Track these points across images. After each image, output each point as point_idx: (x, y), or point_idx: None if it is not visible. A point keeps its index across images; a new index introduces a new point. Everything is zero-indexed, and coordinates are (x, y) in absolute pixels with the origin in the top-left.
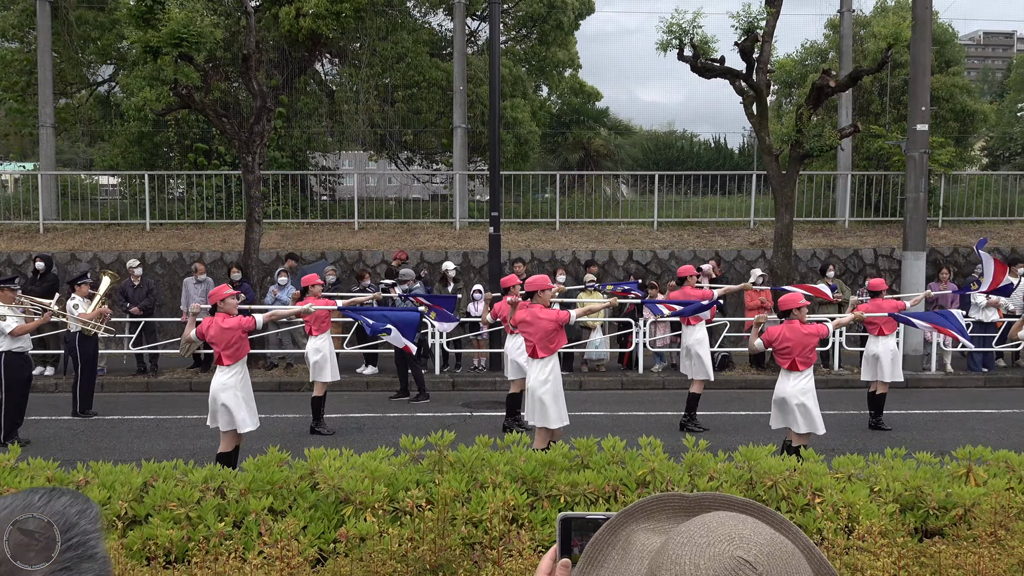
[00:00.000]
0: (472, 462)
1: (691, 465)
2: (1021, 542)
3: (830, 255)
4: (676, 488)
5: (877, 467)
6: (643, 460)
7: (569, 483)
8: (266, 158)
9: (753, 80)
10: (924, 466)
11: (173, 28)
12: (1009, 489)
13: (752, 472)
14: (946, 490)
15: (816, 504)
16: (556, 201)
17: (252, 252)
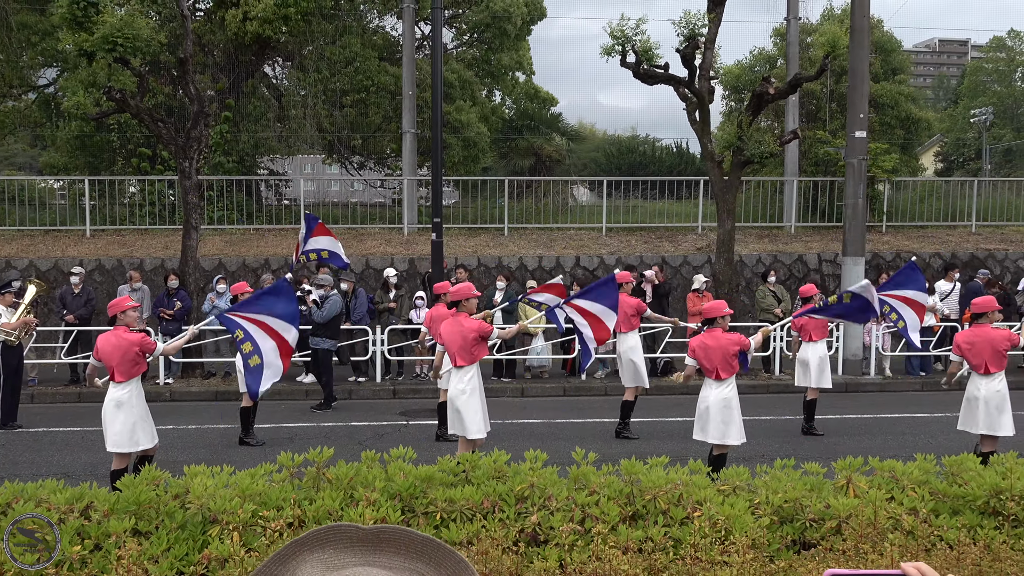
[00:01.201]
0: (349, 479)
1: (576, 478)
2: (880, 555)
3: (775, 260)
4: (551, 502)
5: (764, 479)
6: (522, 475)
7: (447, 499)
8: (209, 163)
9: (695, 87)
10: (806, 477)
11: (107, 32)
12: (891, 499)
13: (633, 486)
14: (825, 502)
15: (695, 517)
16: (505, 206)
17: (190, 259)
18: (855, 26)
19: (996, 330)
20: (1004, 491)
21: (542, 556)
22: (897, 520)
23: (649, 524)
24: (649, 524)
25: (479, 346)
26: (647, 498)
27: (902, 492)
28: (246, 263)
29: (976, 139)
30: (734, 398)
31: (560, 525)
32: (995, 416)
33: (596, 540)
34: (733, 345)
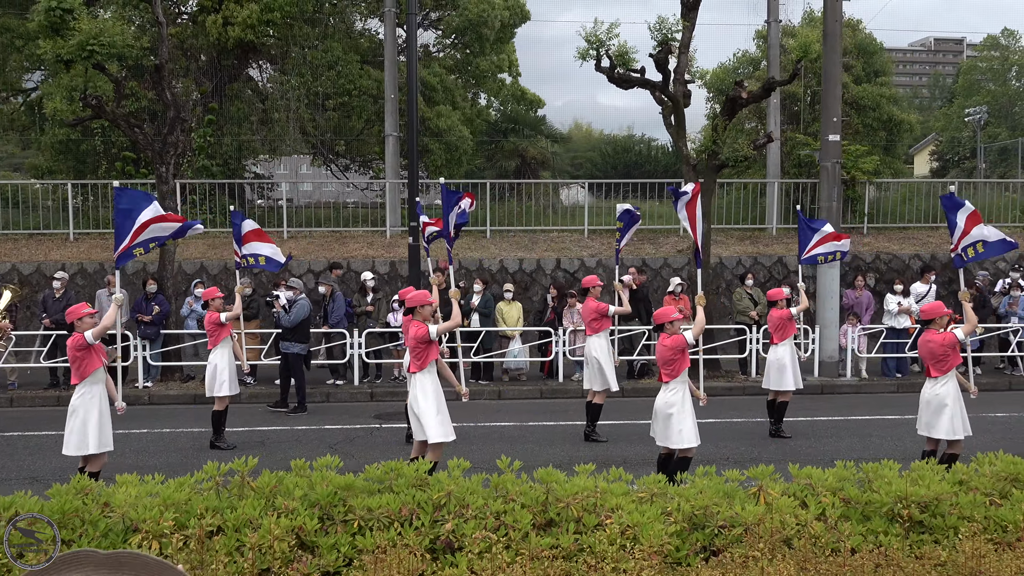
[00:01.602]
0: (271, 487)
1: (496, 486)
2: (769, 563)
3: (755, 262)
4: (467, 510)
5: (683, 486)
6: (441, 483)
7: (364, 507)
8: (193, 167)
9: (670, 91)
10: (720, 484)
11: (83, 38)
12: (803, 506)
13: (548, 493)
14: (736, 509)
15: (606, 524)
16: (487, 209)
17: (167, 264)
18: (827, 31)
19: (938, 335)
20: (908, 497)
21: (453, 563)
22: (803, 526)
23: (562, 531)
24: (562, 531)
25: (427, 350)
26: (561, 506)
27: (815, 498)
28: (227, 266)
29: (971, 138)
30: (677, 402)
31: (472, 533)
32: (933, 419)
33: (507, 547)
34: (673, 350)
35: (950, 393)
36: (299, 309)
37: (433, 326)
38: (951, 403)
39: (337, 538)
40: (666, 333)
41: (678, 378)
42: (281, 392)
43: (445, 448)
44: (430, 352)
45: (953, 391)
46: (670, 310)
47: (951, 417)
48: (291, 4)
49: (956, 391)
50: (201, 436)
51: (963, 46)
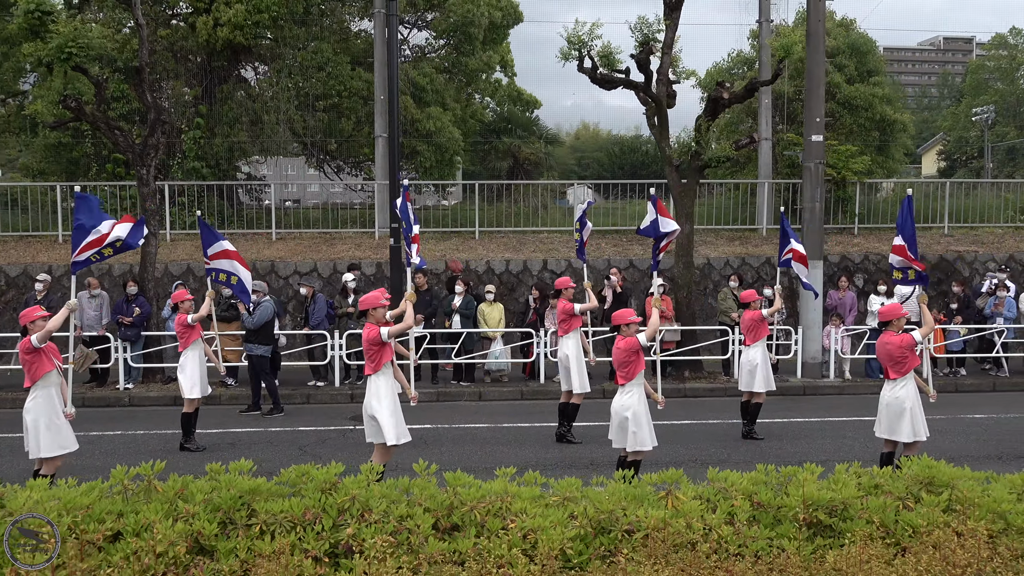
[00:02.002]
0: (176, 491)
1: (406, 490)
2: (646, 570)
3: (743, 263)
4: (369, 514)
5: (596, 489)
6: (346, 488)
7: (268, 511)
8: (180, 169)
9: (652, 91)
10: (628, 488)
11: (60, 41)
12: (715, 509)
13: (455, 496)
14: (639, 513)
15: (510, 528)
16: (476, 210)
17: (148, 265)
18: (810, 30)
19: (896, 336)
20: (816, 501)
21: (349, 568)
22: (710, 530)
23: (465, 535)
24: (465, 535)
25: (380, 352)
26: (465, 509)
27: (728, 502)
28: None
29: (978, 138)
30: (633, 404)
31: (371, 537)
32: (894, 421)
33: (407, 551)
34: (625, 352)
35: (909, 395)
36: (262, 311)
37: (384, 328)
38: (910, 406)
39: (236, 542)
40: (621, 335)
41: (634, 380)
42: (252, 395)
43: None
44: (383, 354)
45: (912, 393)
46: (628, 312)
47: (911, 420)
48: (279, 5)
49: (915, 393)
50: (174, 438)
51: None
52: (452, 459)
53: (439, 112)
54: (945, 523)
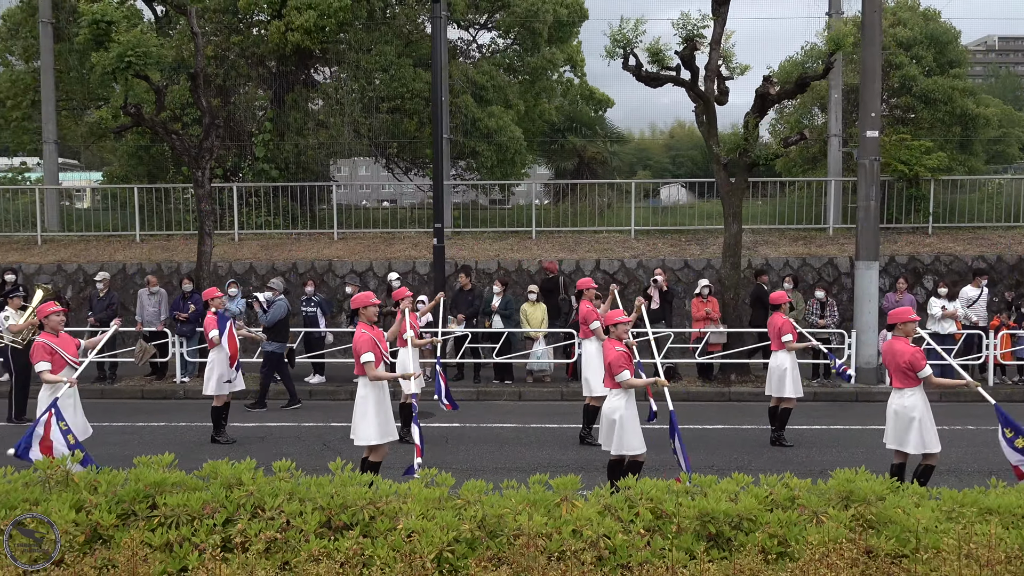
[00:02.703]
0: (88, 483)
1: (291, 490)
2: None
3: (803, 263)
4: (262, 511)
5: (509, 492)
6: (246, 485)
7: (167, 505)
8: (250, 170)
9: (698, 89)
10: (534, 492)
11: (120, 50)
12: (615, 518)
13: (341, 497)
14: (522, 519)
15: (397, 529)
16: (532, 209)
17: (204, 264)
18: (866, 21)
19: (904, 346)
20: (712, 513)
21: (235, 562)
22: (597, 539)
23: (354, 535)
24: (354, 535)
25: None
26: (355, 509)
27: (632, 510)
28: (275, 267)
29: None
30: (620, 407)
31: (257, 533)
32: (902, 433)
33: (290, 548)
34: (616, 355)
35: (918, 405)
36: (276, 309)
37: (369, 354)
38: (919, 416)
39: (132, 533)
40: (612, 339)
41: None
42: (260, 391)
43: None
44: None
45: (921, 403)
46: (617, 313)
47: (920, 430)
48: (345, 10)
49: (924, 403)
50: (208, 431)
51: None
52: (466, 459)
53: (499, 111)
54: (849, 540)
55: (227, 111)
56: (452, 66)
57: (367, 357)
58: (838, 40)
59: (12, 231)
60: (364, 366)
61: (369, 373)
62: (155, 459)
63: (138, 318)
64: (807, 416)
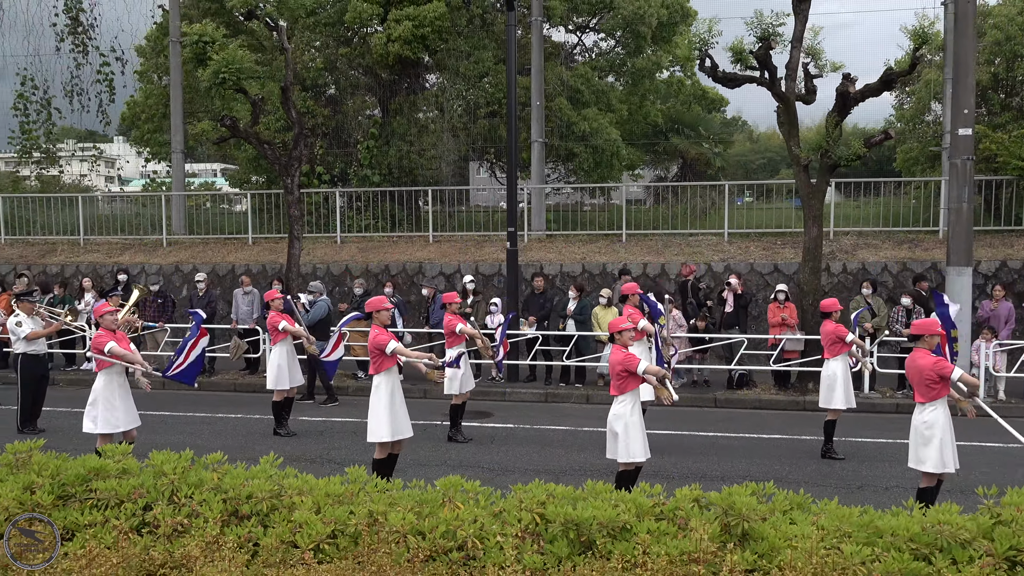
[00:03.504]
0: (40, 466)
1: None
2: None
3: (904, 268)
4: (178, 499)
5: (397, 492)
6: (168, 475)
7: (101, 489)
8: (356, 176)
9: (776, 88)
10: (429, 492)
11: (215, 67)
12: (501, 522)
13: (233, 490)
14: (401, 516)
15: (289, 521)
16: (623, 211)
17: (293, 266)
18: (959, 13)
19: (928, 358)
20: (573, 520)
21: (146, 545)
22: (466, 539)
23: (250, 524)
24: (250, 524)
25: (381, 358)
26: (254, 500)
27: (517, 514)
28: (368, 268)
29: None
30: (625, 415)
31: (164, 519)
32: (920, 449)
33: (189, 534)
34: (619, 364)
35: (939, 422)
36: (317, 309)
37: (394, 342)
38: (940, 433)
39: (67, 513)
40: (617, 345)
41: (628, 392)
42: (326, 388)
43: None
44: (383, 362)
45: (943, 420)
46: (621, 320)
47: (940, 449)
48: (442, 19)
49: (946, 420)
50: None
51: None
52: (502, 460)
53: (594, 114)
54: (709, 551)
55: (336, 120)
56: (547, 70)
57: (392, 345)
58: (923, 34)
59: (144, 234)
60: (391, 353)
61: (399, 353)
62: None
63: (233, 316)
64: (877, 428)
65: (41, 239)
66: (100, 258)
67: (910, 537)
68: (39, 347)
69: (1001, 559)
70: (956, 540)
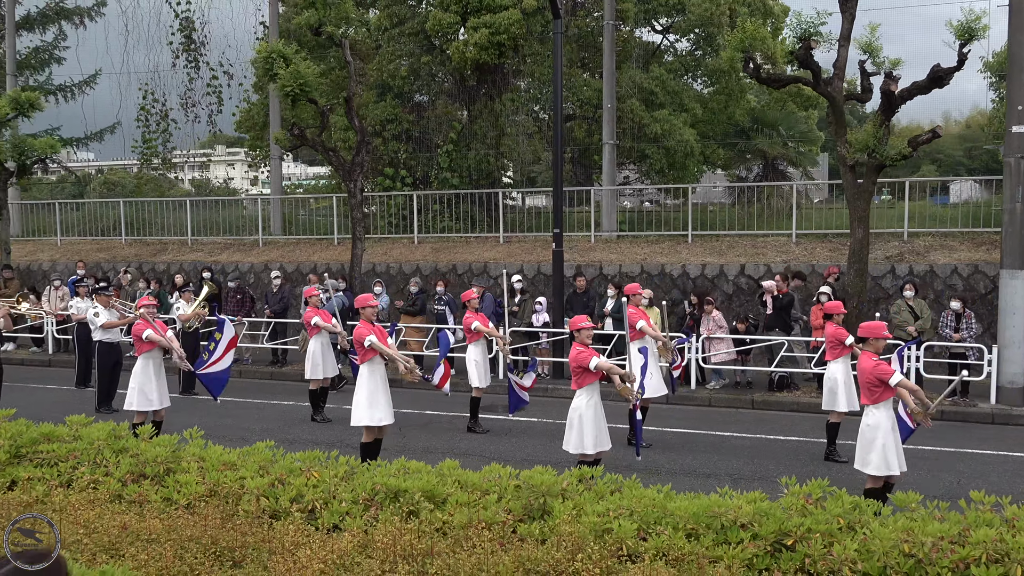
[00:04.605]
0: (5, 432)
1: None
2: None
3: (975, 271)
4: (99, 460)
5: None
6: (95, 443)
7: (46, 451)
8: (436, 179)
9: (821, 88)
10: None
11: (282, 82)
12: (350, 490)
13: (152, 455)
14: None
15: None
16: (689, 212)
17: (356, 265)
18: (1013, 6)
19: (869, 361)
20: (393, 488)
21: (67, 493)
22: (310, 503)
23: (146, 484)
24: (146, 484)
25: (363, 351)
26: (153, 465)
27: (362, 484)
28: (437, 268)
29: None
30: (581, 407)
31: (83, 476)
32: (864, 451)
33: (100, 487)
34: (573, 360)
35: (882, 425)
36: (329, 306)
37: (373, 336)
38: (883, 435)
39: (17, 469)
40: (577, 342)
41: (585, 387)
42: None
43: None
44: (366, 353)
45: (886, 422)
46: (581, 319)
47: (883, 452)
48: (517, 25)
49: (890, 423)
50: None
51: None
52: (506, 450)
53: (666, 115)
54: (498, 520)
55: (420, 125)
56: (620, 72)
57: (370, 339)
58: (969, 29)
59: (245, 235)
60: (370, 346)
61: (375, 347)
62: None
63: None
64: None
65: (156, 239)
66: (202, 256)
67: (688, 517)
68: (114, 336)
69: (768, 542)
70: (733, 523)
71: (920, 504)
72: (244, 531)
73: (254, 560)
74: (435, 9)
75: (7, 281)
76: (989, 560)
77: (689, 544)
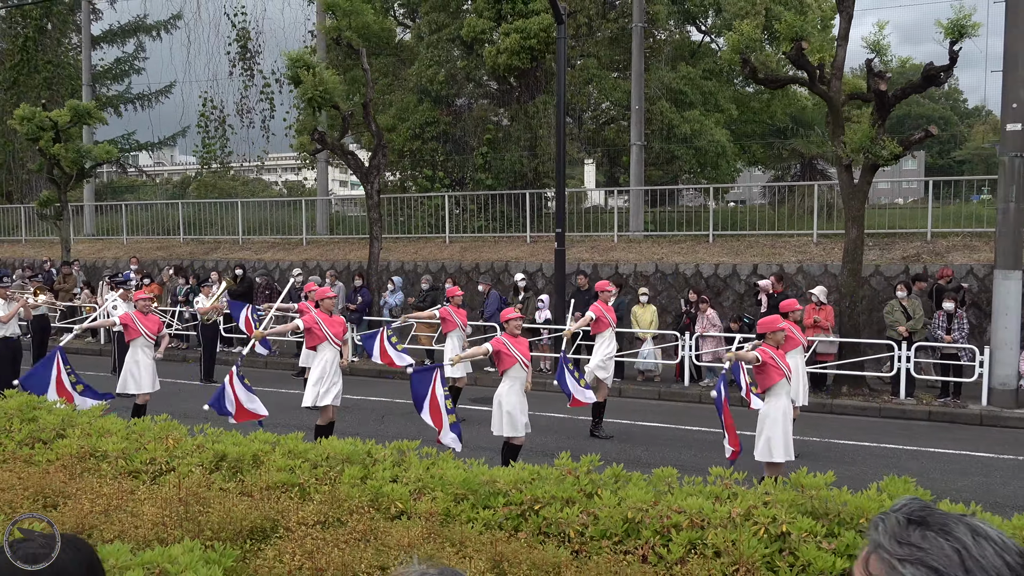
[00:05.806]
0: None
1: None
2: None
3: (990, 272)
4: (61, 437)
5: None
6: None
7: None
8: (471, 180)
9: (817, 88)
10: None
11: (303, 88)
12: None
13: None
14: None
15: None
16: (711, 211)
17: (373, 263)
18: (1009, 2)
19: (765, 353)
20: (222, 452)
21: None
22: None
23: (43, 446)
24: (43, 446)
25: (310, 336)
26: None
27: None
28: (461, 266)
29: None
30: (502, 393)
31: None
32: (757, 439)
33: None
34: (505, 354)
35: (770, 413)
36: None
37: (308, 316)
38: (770, 423)
39: None
40: (505, 333)
41: (507, 372)
42: None
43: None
44: (311, 338)
45: (774, 411)
46: (510, 310)
47: (768, 438)
48: (547, 29)
49: (779, 411)
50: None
51: None
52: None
53: (696, 115)
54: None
55: (458, 127)
56: (649, 73)
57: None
58: (959, 27)
59: (291, 234)
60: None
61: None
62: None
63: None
64: (904, 434)
65: (211, 238)
66: (249, 255)
67: (458, 484)
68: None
69: (521, 508)
70: (492, 490)
71: (676, 480)
72: (64, 480)
73: (64, 503)
74: (471, 15)
75: (65, 276)
76: (692, 526)
77: (458, 506)
